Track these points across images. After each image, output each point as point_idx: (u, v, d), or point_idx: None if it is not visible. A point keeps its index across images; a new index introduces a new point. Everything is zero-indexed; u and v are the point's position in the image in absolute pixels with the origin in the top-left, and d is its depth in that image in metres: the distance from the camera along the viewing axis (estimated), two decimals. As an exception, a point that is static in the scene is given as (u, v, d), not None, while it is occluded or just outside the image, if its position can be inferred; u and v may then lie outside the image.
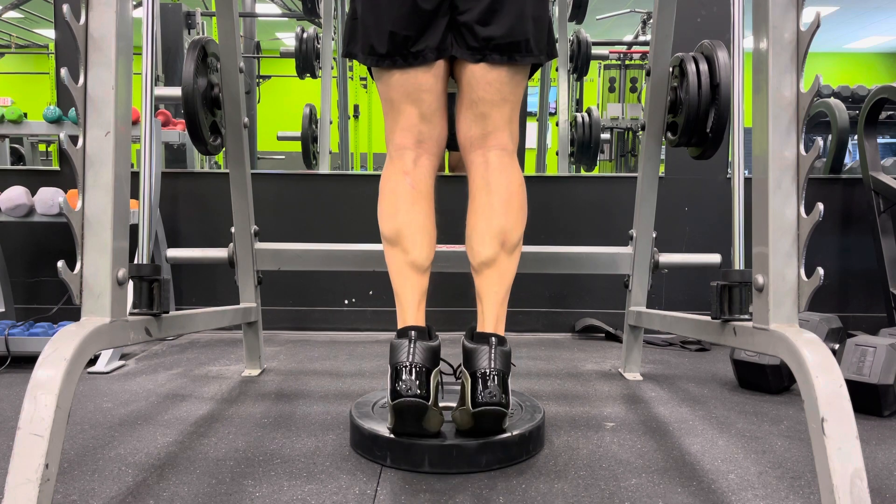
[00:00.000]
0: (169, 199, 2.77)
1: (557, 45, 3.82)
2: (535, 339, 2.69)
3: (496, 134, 1.41)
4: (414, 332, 1.32)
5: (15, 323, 2.27)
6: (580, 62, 3.92)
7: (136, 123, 2.19)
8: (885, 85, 2.52)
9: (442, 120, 1.44)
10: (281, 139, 4.27)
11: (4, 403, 1.81)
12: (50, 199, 2.25)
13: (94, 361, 2.15)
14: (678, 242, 2.76)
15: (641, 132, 2.17)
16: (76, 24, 1.23)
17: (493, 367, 1.29)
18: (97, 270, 1.22)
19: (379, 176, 1.47)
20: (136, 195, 1.37)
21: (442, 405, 1.45)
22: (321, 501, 1.24)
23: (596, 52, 4.19)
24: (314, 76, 3.99)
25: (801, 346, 1.11)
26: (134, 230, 1.40)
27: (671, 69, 1.85)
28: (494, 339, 1.32)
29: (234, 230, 1.98)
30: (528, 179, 1.48)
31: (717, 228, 2.73)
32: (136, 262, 1.41)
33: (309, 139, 3.84)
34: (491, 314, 1.39)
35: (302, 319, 2.81)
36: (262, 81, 5.20)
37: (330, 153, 3.61)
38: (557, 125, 3.75)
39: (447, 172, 2.90)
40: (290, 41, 5.76)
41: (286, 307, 2.80)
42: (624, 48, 5.42)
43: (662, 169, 2.67)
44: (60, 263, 1.17)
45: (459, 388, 1.40)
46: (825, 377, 1.05)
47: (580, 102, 5.24)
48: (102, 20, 1.24)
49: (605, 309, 2.78)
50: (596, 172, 4.07)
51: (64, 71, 1.20)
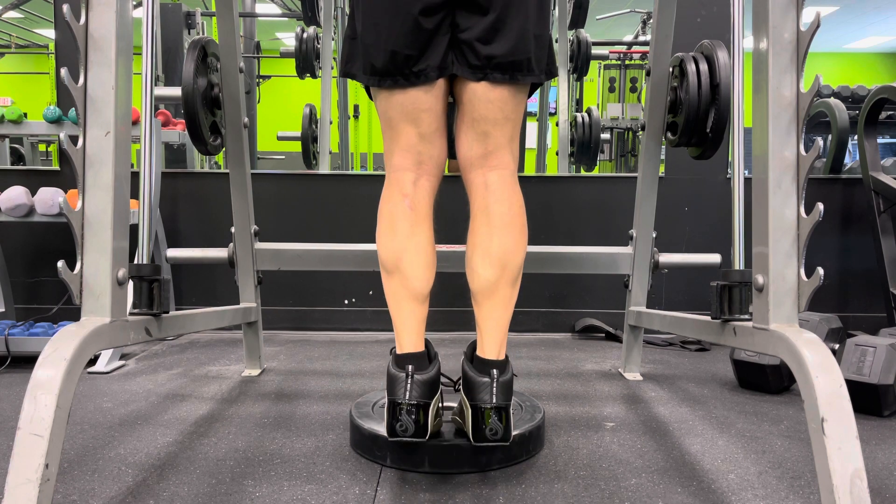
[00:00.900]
0: (169, 199, 2.77)
1: (557, 45, 3.83)
2: (535, 339, 2.69)
3: (498, 153, 1.38)
4: (412, 364, 1.28)
5: (15, 323, 2.27)
6: (580, 62, 3.91)
7: (136, 123, 2.19)
8: (885, 85, 2.52)
9: (441, 139, 1.41)
10: (281, 139, 4.26)
11: (4, 403, 1.81)
12: (50, 199, 2.25)
13: (94, 361, 2.15)
14: (678, 242, 2.76)
15: (641, 132, 2.17)
16: (76, 24, 1.23)
17: (494, 402, 1.25)
18: (97, 270, 1.22)
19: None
20: (136, 195, 1.37)
21: (442, 406, 1.45)
22: (321, 501, 1.24)
23: (596, 52, 4.18)
24: (314, 76, 3.98)
25: (801, 346, 1.11)
26: (134, 230, 1.40)
27: (671, 69, 1.85)
28: (496, 370, 1.28)
29: (234, 230, 1.98)
30: (527, 179, 1.48)
31: (717, 228, 2.73)
32: (136, 262, 1.41)
33: (309, 139, 3.84)
34: (493, 340, 1.34)
35: (302, 319, 2.81)
36: (262, 81, 5.20)
37: (330, 153, 3.60)
38: (557, 125, 3.75)
39: (447, 172, 2.89)
40: (290, 41, 5.76)
41: (286, 307, 2.80)
42: (624, 48, 5.41)
43: (662, 169, 2.67)
44: (60, 263, 1.17)
45: (459, 391, 1.40)
46: (825, 377, 1.05)
47: (580, 102, 5.23)
48: (102, 20, 1.24)
49: (605, 309, 2.78)
50: (596, 172, 4.07)
51: (64, 71, 1.20)
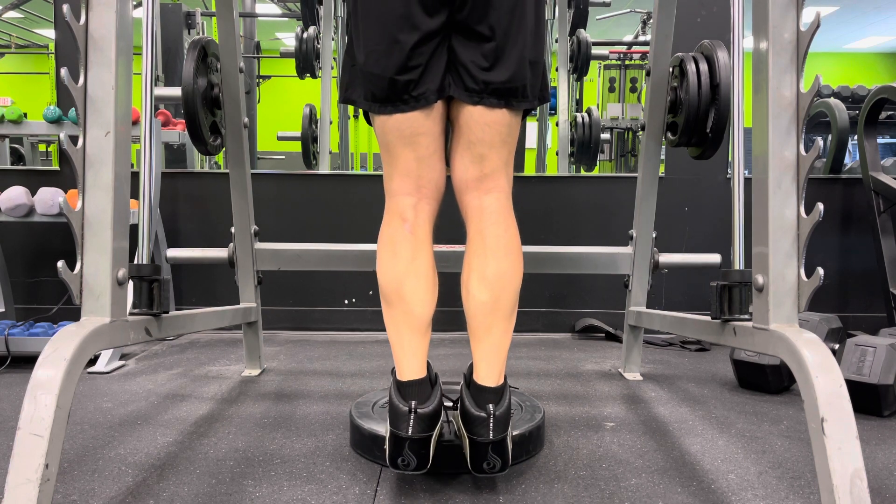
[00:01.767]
0: (169, 199, 2.77)
1: (557, 45, 3.83)
2: (535, 339, 2.69)
3: (493, 176, 1.38)
4: (414, 400, 1.25)
5: (15, 323, 2.28)
6: (580, 62, 3.91)
7: (136, 123, 2.19)
8: (885, 85, 2.52)
9: (440, 162, 1.41)
10: (281, 139, 4.26)
11: (4, 403, 1.81)
12: (50, 199, 2.25)
13: (94, 361, 2.15)
14: (678, 242, 2.76)
15: (641, 132, 2.17)
16: (76, 24, 1.23)
17: (491, 437, 1.24)
18: (97, 270, 1.22)
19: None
20: (136, 195, 1.37)
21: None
22: (321, 501, 1.24)
23: (596, 52, 4.18)
24: (314, 76, 3.98)
25: (801, 346, 1.11)
26: (134, 230, 1.40)
27: (671, 69, 1.85)
28: (493, 405, 1.25)
29: (234, 230, 1.98)
30: (528, 179, 1.48)
31: (717, 228, 2.73)
32: (136, 262, 1.41)
33: (309, 139, 3.84)
34: (491, 368, 1.32)
35: (302, 319, 2.81)
36: (262, 81, 5.20)
37: (330, 153, 3.60)
38: (557, 125, 3.75)
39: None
40: (290, 41, 5.76)
41: (286, 307, 2.80)
42: (624, 48, 5.42)
43: (662, 169, 2.67)
44: (60, 263, 1.17)
45: (459, 388, 1.40)
46: (825, 377, 1.05)
47: (580, 102, 5.23)
48: (102, 20, 1.24)
49: (605, 309, 2.78)
50: (596, 172, 4.07)
51: (64, 71, 1.20)
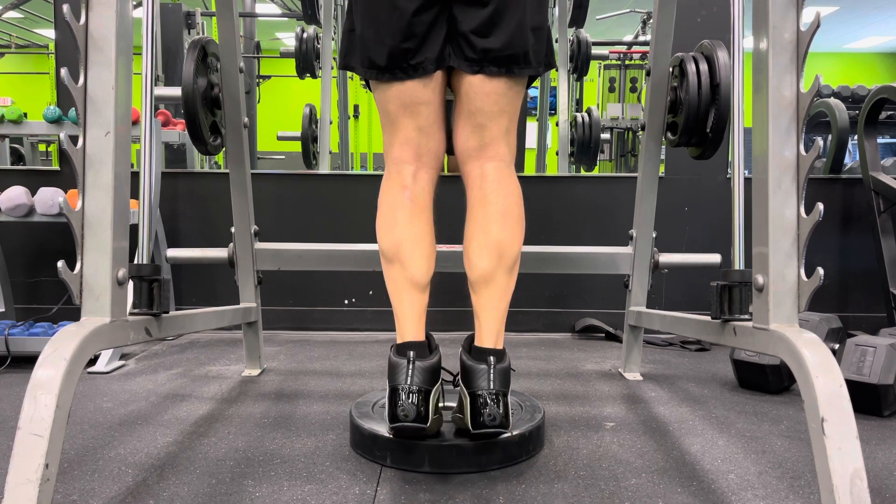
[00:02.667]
0: (169, 199, 2.77)
1: (557, 45, 3.83)
2: (535, 339, 2.69)
3: (494, 145, 1.39)
4: (413, 351, 1.29)
5: (15, 323, 2.27)
6: (580, 62, 3.91)
7: (136, 123, 2.19)
8: (885, 85, 2.52)
9: (440, 132, 1.42)
10: (281, 139, 4.26)
11: (4, 403, 1.81)
12: (50, 199, 2.25)
13: (94, 361, 2.15)
14: (678, 242, 2.76)
15: (641, 132, 2.17)
16: (76, 24, 1.23)
17: (492, 388, 1.27)
18: (97, 270, 1.22)
19: (379, 176, 1.47)
20: (136, 195, 1.37)
21: (441, 405, 1.45)
22: (321, 501, 1.24)
23: (596, 52, 4.18)
24: (314, 76, 3.99)
25: (801, 346, 1.11)
26: (134, 230, 1.40)
27: (671, 69, 1.85)
28: (493, 357, 1.30)
29: (234, 230, 1.98)
30: (528, 179, 1.48)
31: (717, 228, 2.73)
32: (136, 262, 1.41)
33: (309, 139, 3.84)
34: (490, 329, 1.36)
35: (302, 319, 2.81)
36: (262, 81, 5.20)
37: (330, 153, 3.61)
38: (557, 125, 3.75)
39: (446, 172, 2.89)
40: (290, 41, 5.76)
41: (286, 307, 2.80)
42: (624, 48, 5.42)
43: (662, 169, 2.67)
44: (60, 263, 1.17)
45: (459, 392, 1.40)
46: (825, 377, 1.05)
47: (580, 102, 5.24)
48: (102, 20, 1.24)
49: (605, 309, 2.78)
50: (596, 172, 4.07)
51: (64, 71, 1.20)
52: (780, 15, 1.24)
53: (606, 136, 5.13)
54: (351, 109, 5.38)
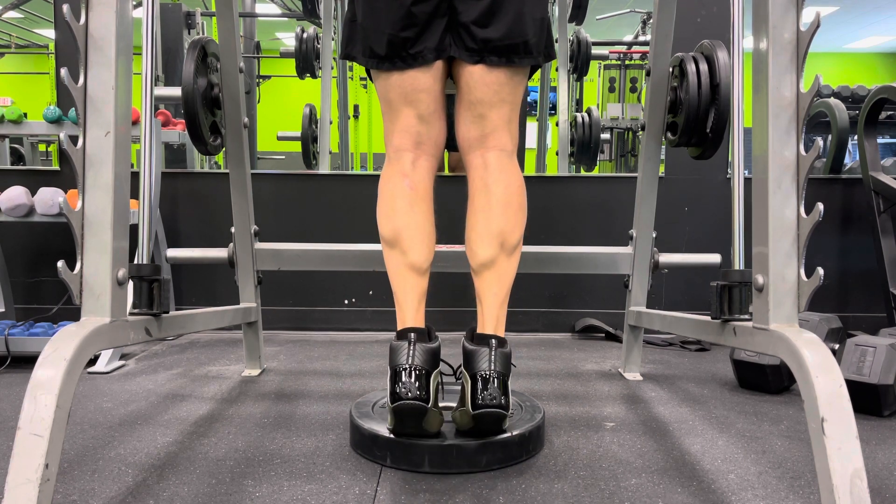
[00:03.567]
0: (169, 199, 2.77)
1: (557, 45, 3.82)
2: (535, 339, 2.69)
3: (495, 135, 1.40)
4: (413, 333, 1.32)
5: (15, 323, 2.27)
6: (580, 62, 3.91)
7: (136, 123, 2.19)
8: (885, 85, 2.52)
9: (440, 121, 1.43)
10: (281, 139, 4.26)
11: (4, 403, 1.81)
12: (50, 199, 2.25)
13: (94, 361, 2.15)
14: (678, 242, 2.76)
15: (641, 132, 2.17)
16: (76, 24, 1.23)
17: (492, 368, 1.29)
18: (97, 270, 1.22)
19: (379, 176, 1.47)
20: (136, 195, 1.37)
21: (442, 405, 1.45)
22: (321, 501, 1.24)
23: (596, 52, 4.18)
24: (314, 76, 3.98)
25: (801, 346, 1.11)
26: (134, 230, 1.40)
27: (671, 69, 1.85)
28: (494, 340, 1.32)
29: (234, 230, 1.98)
30: (528, 179, 1.48)
31: (717, 228, 2.73)
32: (136, 262, 1.41)
33: (309, 139, 3.84)
34: (491, 315, 1.39)
35: (302, 319, 2.81)
36: (262, 81, 5.20)
37: (330, 153, 3.60)
38: (557, 125, 3.75)
39: (447, 172, 2.90)
40: (290, 41, 5.75)
41: (286, 307, 2.80)
42: (624, 48, 5.41)
43: (662, 169, 2.67)
44: (60, 263, 1.17)
45: (460, 388, 1.40)
46: (825, 377, 1.05)
47: (580, 102, 5.24)
48: (102, 20, 1.24)
49: (605, 309, 2.78)
50: (596, 172, 4.07)
51: (64, 71, 1.20)
52: (779, 15, 1.24)
53: (606, 136, 5.12)
54: (351, 109, 5.38)
